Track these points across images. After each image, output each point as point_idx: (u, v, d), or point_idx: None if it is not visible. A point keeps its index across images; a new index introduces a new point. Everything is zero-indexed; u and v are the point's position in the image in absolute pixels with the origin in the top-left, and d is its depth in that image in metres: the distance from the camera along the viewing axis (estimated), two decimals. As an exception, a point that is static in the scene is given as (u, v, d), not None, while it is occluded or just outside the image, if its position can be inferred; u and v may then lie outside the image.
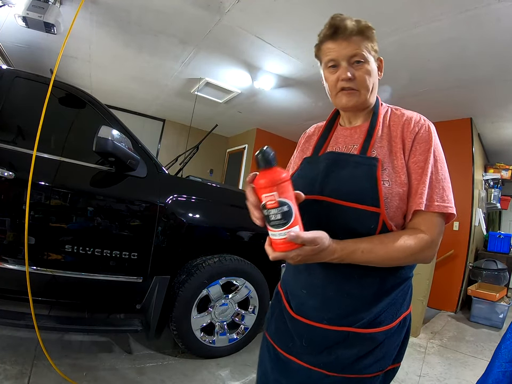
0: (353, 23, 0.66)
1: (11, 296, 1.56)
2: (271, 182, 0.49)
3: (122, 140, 1.53)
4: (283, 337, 0.71)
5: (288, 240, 0.51)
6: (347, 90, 0.67)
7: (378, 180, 0.60)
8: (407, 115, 0.68)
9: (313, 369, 0.65)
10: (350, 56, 0.65)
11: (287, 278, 0.77)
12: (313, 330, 0.66)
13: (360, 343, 0.62)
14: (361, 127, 0.71)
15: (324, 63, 0.69)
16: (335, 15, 0.68)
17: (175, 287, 1.74)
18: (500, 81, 2.70)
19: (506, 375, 0.77)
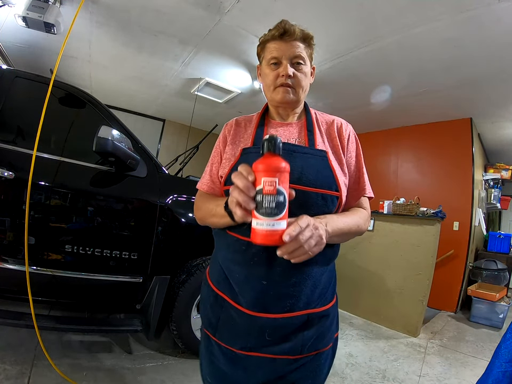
0: (300, 29, 0.73)
1: (11, 296, 1.56)
2: (275, 167, 0.48)
3: (122, 140, 1.53)
4: (236, 337, 0.69)
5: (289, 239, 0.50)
6: (285, 86, 0.73)
7: (333, 168, 0.70)
8: (335, 118, 0.80)
9: (277, 358, 0.67)
10: (293, 56, 0.72)
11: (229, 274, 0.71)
12: (274, 322, 0.66)
13: (317, 322, 0.69)
14: (297, 124, 0.78)
15: (266, 60, 0.75)
16: (284, 20, 0.74)
17: (175, 287, 1.74)
18: (500, 81, 2.70)
19: (506, 375, 0.77)
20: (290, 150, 0.69)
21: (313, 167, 0.68)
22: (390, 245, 2.93)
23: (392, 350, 2.34)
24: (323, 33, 2.39)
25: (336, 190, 0.68)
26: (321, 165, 0.69)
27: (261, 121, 0.79)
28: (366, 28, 2.27)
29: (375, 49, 2.50)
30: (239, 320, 0.68)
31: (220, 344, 0.71)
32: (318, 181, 0.66)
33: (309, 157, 0.69)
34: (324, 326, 0.70)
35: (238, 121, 0.83)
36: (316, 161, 0.69)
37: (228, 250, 0.72)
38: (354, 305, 3.07)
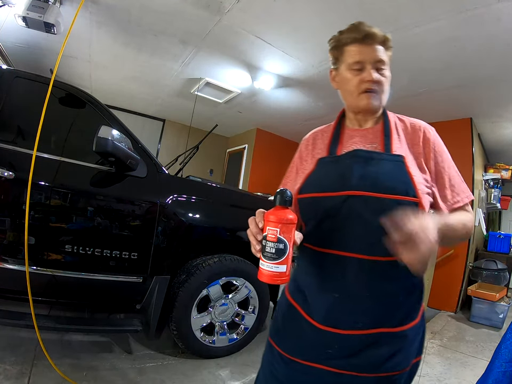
0: (380, 33, 0.71)
1: (11, 296, 1.56)
2: (279, 218, 0.55)
3: (122, 140, 1.53)
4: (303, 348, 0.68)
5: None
6: (369, 92, 0.70)
7: (410, 173, 0.65)
8: (418, 122, 0.75)
9: (342, 373, 0.64)
10: (376, 61, 0.70)
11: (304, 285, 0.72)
12: (344, 339, 0.63)
13: (392, 342, 0.64)
14: (374, 129, 0.74)
15: (347, 64, 0.71)
16: (362, 22, 0.71)
17: (175, 287, 1.74)
18: (500, 81, 2.70)
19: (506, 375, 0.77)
20: (365, 157, 0.67)
21: (388, 173, 0.65)
22: (390, 245, 2.92)
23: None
24: (323, 33, 2.39)
25: (414, 196, 0.63)
26: (398, 170, 0.65)
27: (336, 130, 0.78)
28: (366, 28, 2.27)
29: (375, 49, 2.49)
30: (308, 332, 0.67)
31: (283, 355, 0.70)
32: (393, 187, 0.63)
33: (384, 162, 0.66)
34: (400, 348, 0.64)
35: (315, 134, 0.83)
36: (392, 167, 0.65)
37: (303, 261, 0.72)
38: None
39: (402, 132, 0.73)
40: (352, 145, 0.73)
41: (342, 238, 0.64)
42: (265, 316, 2.03)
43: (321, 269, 0.66)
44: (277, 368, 0.72)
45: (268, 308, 2.04)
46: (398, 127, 0.74)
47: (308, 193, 0.70)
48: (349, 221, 0.63)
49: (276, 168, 5.63)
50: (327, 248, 0.65)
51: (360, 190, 0.63)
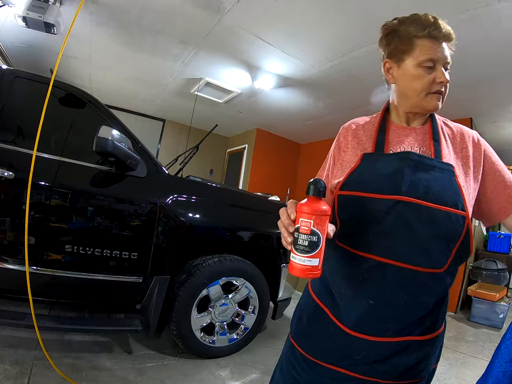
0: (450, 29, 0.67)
1: (11, 296, 1.56)
2: (313, 210, 0.52)
3: (122, 140, 1.53)
4: (331, 353, 0.66)
5: None
6: (438, 94, 0.67)
7: (459, 184, 0.61)
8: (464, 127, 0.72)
9: (366, 379, 0.63)
10: (446, 61, 0.66)
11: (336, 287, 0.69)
12: (372, 345, 0.62)
13: (419, 349, 0.63)
14: (422, 130, 0.70)
15: (418, 60, 0.65)
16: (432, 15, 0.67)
17: (175, 287, 1.74)
18: (500, 81, 2.70)
19: (506, 375, 0.77)
20: (416, 161, 0.63)
21: (439, 182, 0.61)
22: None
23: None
24: (323, 33, 2.39)
25: (463, 210, 0.60)
26: (448, 180, 0.61)
27: (382, 125, 0.73)
28: (366, 28, 2.26)
29: (375, 49, 2.45)
30: (335, 337, 0.65)
31: (307, 357, 0.68)
32: (444, 198, 0.59)
33: (436, 170, 0.62)
34: (425, 355, 0.64)
35: (356, 124, 0.78)
36: (443, 176, 0.62)
37: (337, 262, 0.68)
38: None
39: (449, 137, 0.70)
40: (399, 144, 0.69)
41: (386, 244, 0.60)
42: (265, 316, 2.03)
43: (358, 273, 0.63)
44: (298, 371, 0.70)
45: (268, 308, 2.04)
46: (444, 131, 0.70)
47: (352, 191, 0.65)
48: (395, 227, 0.60)
49: (275, 168, 5.63)
50: (368, 253, 0.62)
51: (411, 196, 0.60)
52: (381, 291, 0.61)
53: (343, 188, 0.67)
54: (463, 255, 0.62)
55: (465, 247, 0.61)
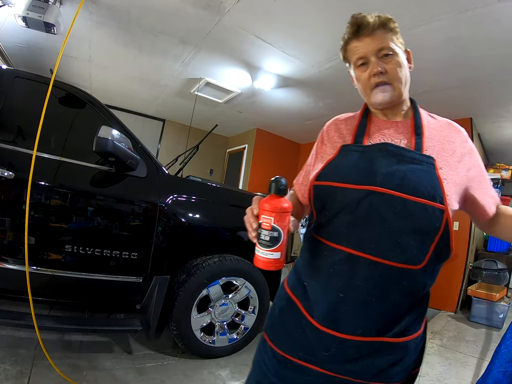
0: (375, 17, 0.66)
1: (11, 296, 1.56)
2: (273, 208, 0.56)
3: (122, 140, 1.53)
4: (298, 347, 0.64)
5: None
6: (381, 86, 0.66)
7: (439, 177, 0.60)
8: (451, 122, 0.71)
9: (336, 376, 0.61)
10: (378, 50, 0.65)
11: (308, 279, 0.67)
12: (343, 343, 0.60)
13: (392, 352, 0.61)
14: (404, 123, 0.69)
15: (353, 62, 0.69)
16: (354, 14, 0.68)
17: (175, 287, 1.74)
18: (500, 81, 2.70)
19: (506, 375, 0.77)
20: (394, 152, 0.62)
21: (417, 174, 0.59)
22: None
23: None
24: (323, 33, 2.39)
25: (441, 203, 0.57)
26: (427, 172, 0.60)
27: (363, 118, 0.73)
28: (366, 28, 2.27)
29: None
30: (305, 331, 0.63)
31: (276, 352, 0.67)
32: (421, 190, 0.57)
33: (414, 162, 0.61)
34: (400, 359, 0.61)
35: (340, 118, 0.78)
36: (421, 168, 0.60)
37: (310, 253, 0.67)
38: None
39: (434, 131, 0.68)
40: (380, 136, 0.68)
41: (357, 236, 0.59)
42: (265, 316, 2.03)
43: (329, 265, 0.61)
44: (267, 365, 0.68)
45: (268, 308, 2.04)
46: (429, 125, 0.69)
47: (327, 181, 0.64)
48: (367, 218, 0.58)
49: (275, 168, 5.63)
50: (339, 244, 0.60)
51: (385, 187, 0.58)
52: (351, 285, 0.59)
53: (318, 178, 0.66)
54: (443, 253, 0.60)
55: (445, 243, 0.59)
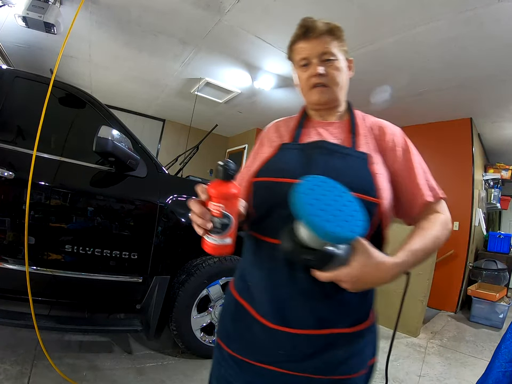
0: (323, 23, 0.69)
1: (11, 296, 1.56)
2: (223, 194, 0.54)
3: (122, 140, 1.53)
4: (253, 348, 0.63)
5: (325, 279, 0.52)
6: (319, 86, 0.70)
7: (372, 172, 0.62)
8: (383, 122, 0.74)
9: (295, 374, 0.60)
10: (321, 53, 0.69)
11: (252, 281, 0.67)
12: (296, 339, 0.59)
13: (347, 343, 0.61)
14: (340, 124, 0.73)
15: (296, 62, 0.73)
16: (304, 18, 0.71)
17: (175, 287, 1.74)
18: (500, 81, 2.70)
19: (506, 375, 0.77)
20: (330, 149, 0.65)
21: (351, 169, 0.62)
22: (390, 244, 2.93)
23: (392, 350, 2.34)
24: (323, 33, 2.39)
25: (374, 196, 0.59)
26: (361, 167, 0.62)
27: (302, 119, 0.77)
28: (366, 28, 2.27)
29: (375, 49, 2.50)
30: (258, 332, 0.62)
31: (234, 356, 0.65)
32: (353, 185, 0.58)
33: (349, 158, 0.63)
34: (354, 349, 0.62)
35: (278, 123, 0.82)
36: (356, 163, 0.63)
37: (250, 253, 0.68)
38: (354, 305, 3.06)
39: (368, 131, 0.71)
40: (317, 136, 0.71)
41: None
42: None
43: (269, 261, 0.61)
44: (228, 370, 0.67)
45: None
46: (364, 125, 0.72)
47: (265, 177, 0.65)
48: None
49: (275, 168, 5.62)
50: (275, 238, 0.58)
51: None
52: (293, 278, 0.58)
53: (257, 175, 0.67)
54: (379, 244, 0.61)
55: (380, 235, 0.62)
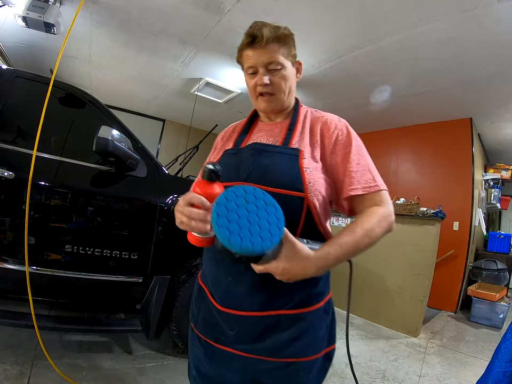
0: (271, 30, 0.69)
1: (11, 296, 1.56)
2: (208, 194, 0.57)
3: (122, 140, 1.53)
4: (213, 330, 0.70)
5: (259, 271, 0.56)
6: (265, 95, 0.73)
7: (301, 166, 0.64)
8: (327, 116, 0.75)
9: (248, 356, 0.66)
10: (267, 63, 0.70)
11: (207, 269, 0.75)
12: (243, 320, 0.65)
13: (292, 325, 0.65)
14: (282, 123, 0.76)
15: (245, 69, 0.75)
16: (254, 23, 0.71)
17: (175, 287, 1.74)
18: (500, 81, 2.70)
19: (506, 375, 0.77)
20: (260, 149, 0.69)
21: (278, 166, 0.65)
22: (390, 245, 2.93)
23: (392, 350, 2.34)
24: (323, 33, 2.39)
25: (300, 190, 0.62)
26: (289, 163, 0.65)
27: (248, 124, 0.81)
28: (366, 28, 2.27)
29: (375, 49, 2.49)
30: (214, 314, 0.70)
31: (199, 336, 0.73)
32: (280, 180, 0.63)
33: (278, 155, 0.67)
34: (302, 332, 0.65)
35: (233, 126, 0.85)
36: (284, 160, 0.66)
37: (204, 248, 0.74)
38: (354, 305, 3.05)
39: (308, 126, 0.73)
40: (258, 138, 0.74)
41: None
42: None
43: (215, 255, 0.70)
44: (198, 350, 0.74)
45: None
46: (306, 121, 0.74)
47: None
48: None
49: (275, 168, 5.62)
50: None
51: (249, 181, 0.64)
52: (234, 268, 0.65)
53: None
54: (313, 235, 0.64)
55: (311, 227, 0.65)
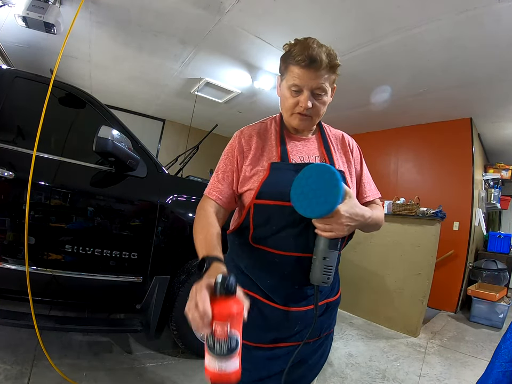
0: (328, 57, 0.71)
1: (11, 296, 1.56)
2: (227, 313, 0.46)
3: (122, 140, 1.53)
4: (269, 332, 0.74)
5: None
6: (302, 115, 0.74)
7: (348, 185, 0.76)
8: (341, 132, 0.88)
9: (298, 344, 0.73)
10: (315, 88, 0.71)
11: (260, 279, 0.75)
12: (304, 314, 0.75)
13: (332, 309, 0.82)
14: (314, 139, 0.83)
15: (288, 83, 0.73)
16: (310, 42, 0.71)
17: (175, 287, 1.73)
18: (500, 81, 2.70)
19: (506, 375, 0.77)
20: None
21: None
22: (390, 245, 2.93)
23: (392, 350, 2.34)
24: (323, 33, 2.39)
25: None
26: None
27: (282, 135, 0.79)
28: (366, 28, 2.27)
29: (375, 49, 2.49)
30: (271, 316, 0.74)
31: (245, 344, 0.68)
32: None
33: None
34: (334, 311, 0.84)
35: (252, 132, 0.80)
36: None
37: (256, 261, 0.76)
38: (354, 305, 3.07)
39: (335, 143, 0.84)
40: (298, 153, 0.79)
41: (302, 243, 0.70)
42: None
43: (282, 268, 0.72)
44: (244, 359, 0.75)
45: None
46: (331, 138, 0.85)
47: (269, 200, 0.70)
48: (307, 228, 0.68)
49: (275, 168, 5.61)
50: (289, 251, 0.71)
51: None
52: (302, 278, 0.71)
53: (259, 197, 0.71)
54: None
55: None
